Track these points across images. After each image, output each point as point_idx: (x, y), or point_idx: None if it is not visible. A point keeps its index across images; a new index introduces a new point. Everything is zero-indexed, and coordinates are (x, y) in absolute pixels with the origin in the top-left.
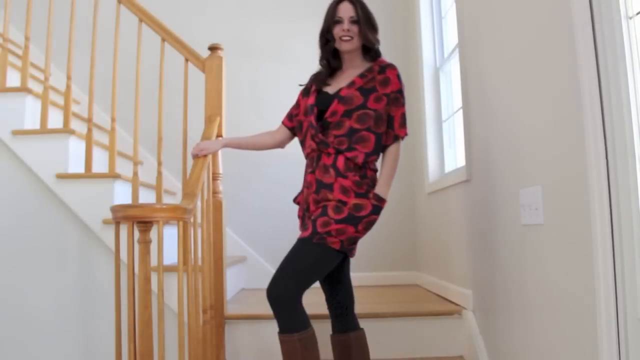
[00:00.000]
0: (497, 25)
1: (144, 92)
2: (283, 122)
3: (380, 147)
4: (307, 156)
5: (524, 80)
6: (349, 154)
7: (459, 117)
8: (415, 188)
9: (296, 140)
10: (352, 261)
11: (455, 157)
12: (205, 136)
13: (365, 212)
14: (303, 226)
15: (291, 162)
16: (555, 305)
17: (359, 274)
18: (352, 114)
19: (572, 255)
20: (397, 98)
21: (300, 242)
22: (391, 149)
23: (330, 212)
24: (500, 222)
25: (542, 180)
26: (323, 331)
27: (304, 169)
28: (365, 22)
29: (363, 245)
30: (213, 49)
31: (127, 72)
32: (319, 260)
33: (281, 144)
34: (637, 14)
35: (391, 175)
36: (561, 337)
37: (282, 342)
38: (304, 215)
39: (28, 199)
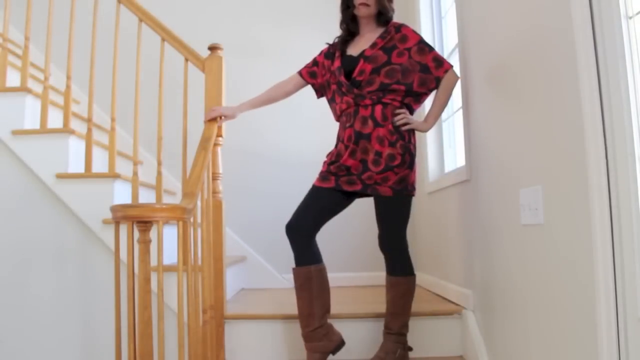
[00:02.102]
0: (497, 24)
1: (144, 92)
2: (302, 75)
3: (413, 93)
4: (341, 114)
5: (523, 80)
6: (385, 99)
7: (459, 117)
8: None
9: (297, 144)
10: (351, 262)
11: (455, 157)
12: (206, 136)
13: (397, 162)
14: (334, 174)
15: (291, 163)
16: (555, 305)
17: (358, 274)
18: (380, 70)
19: (572, 255)
20: (422, 48)
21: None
22: (442, 82)
23: (371, 166)
24: (500, 222)
25: (542, 180)
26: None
27: (305, 168)
28: None
29: (363, 245)
30: (213, 48)
31: (127, 72)
32: (391, 210)
33: (289, 95)
34: (637, 13)
35: (440, 107)
36: (561, 337)
37: (406, 283)
38: (338, 166)
39: (28, 198)
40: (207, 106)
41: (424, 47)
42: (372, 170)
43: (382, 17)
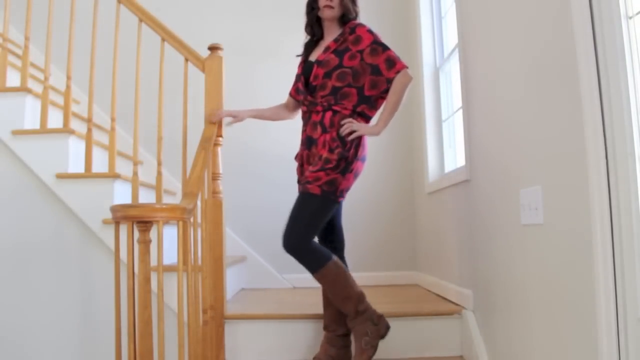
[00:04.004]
0: (497, 24)
1: (144, 92)
2: (290, 94)
3: (365, 98)
4: (302, 118)
5: (523, 80)
6: (336, 107)
7: (458, 117)
8: (415, 188)
9: (298, 143)
10: (352, 261)
11: (455, 157)
12: (206, 136)
13: (330, 165)
14: (299, 182)
15: (290, 162)
16: (555, 305)
17: (359, 274)
18: (331, 74)
19: (572, 255)
20: (375, 49)
21: (299, 195)
22: (393, 84)
23: (311, 167)
24: (500, 222)
25: (542, 180)
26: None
27: None
28: None
29: (363, 245)
30: (213, 48)
31: (127, 72)
32: (305, 207)
33: (292, 115)
34: (637, 13)
35: (390, 109)
36: (561, 337)
37: (321, 278)
38: (300, 171)
39: (28, 199)
40: (207, 106)
41: (377, 47)
42: (310, 170)
43: (344, 18)
